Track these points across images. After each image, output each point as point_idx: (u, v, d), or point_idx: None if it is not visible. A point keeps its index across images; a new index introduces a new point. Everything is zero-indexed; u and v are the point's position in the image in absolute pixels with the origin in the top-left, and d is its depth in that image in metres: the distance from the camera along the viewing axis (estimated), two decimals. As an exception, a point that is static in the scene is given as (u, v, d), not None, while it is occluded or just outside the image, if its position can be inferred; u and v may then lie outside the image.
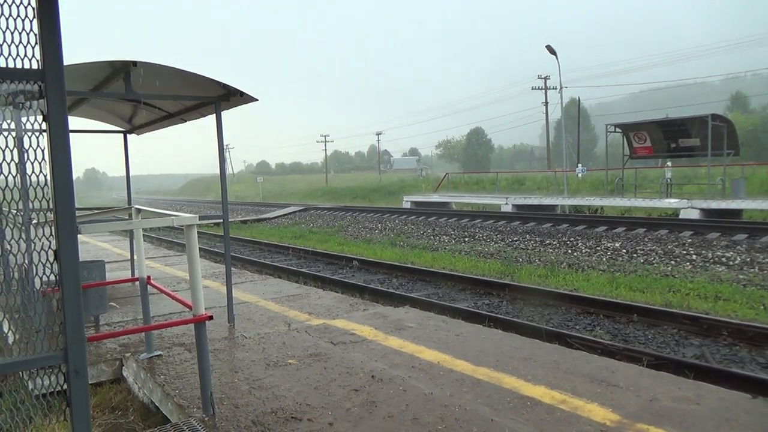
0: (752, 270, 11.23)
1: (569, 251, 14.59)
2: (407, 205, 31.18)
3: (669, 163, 26.54)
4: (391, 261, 13.65)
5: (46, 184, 1.98)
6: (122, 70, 5.48)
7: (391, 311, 6.77)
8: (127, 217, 5.45)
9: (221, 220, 6.46)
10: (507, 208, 25.57)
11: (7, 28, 1.88)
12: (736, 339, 6.93)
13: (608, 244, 14.53)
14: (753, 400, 3.81)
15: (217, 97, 6.00)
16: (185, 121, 7.24)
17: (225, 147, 6.56)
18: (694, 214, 19.18)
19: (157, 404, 4.50)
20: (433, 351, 5.08)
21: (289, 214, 29.49)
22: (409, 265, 12.82)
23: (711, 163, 23.44)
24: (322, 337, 5.66)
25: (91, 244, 15.13)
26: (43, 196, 2.01)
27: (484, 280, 10.68)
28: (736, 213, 19.35)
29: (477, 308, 8.88)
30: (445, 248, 16.31)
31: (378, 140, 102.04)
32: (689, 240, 13.86)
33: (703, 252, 12.75)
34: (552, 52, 31.33)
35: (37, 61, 1.88)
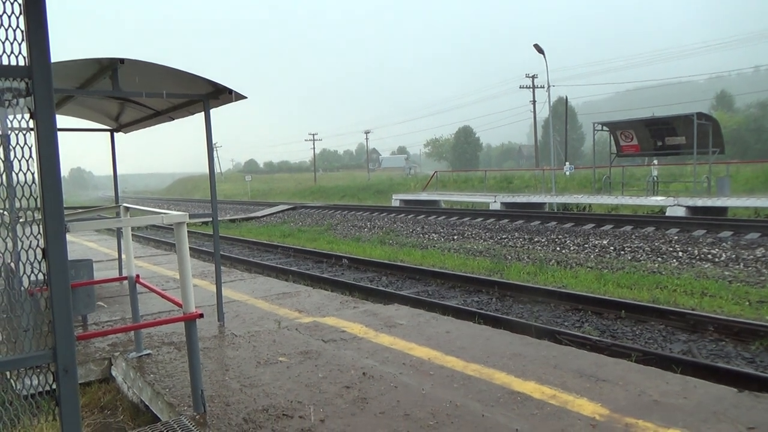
0: (737, 266, 11.37)
1: (557, 249, 14.68)
2: (396, 204, 31.19)
3: (655, 161, 26.81)
4: (380, 259, 13.66)
5: (33, 182, 1.96)
6: (109, 67, 5.43)
7: (382, 309, 6.78)
8: (115, 216, 5.41)
9: (210, 219, 6.44)
10: (495, 206, 25.67)
11: (-6, 24, 1.86)
12: (722, 334, 7.01)
13: (596, 242, 14.63)
14: (739, 393, 3.86)
15: (206, 95, 5.96)
16: (173, 119, 7.19)
17: (213, 145, 6.53)
18: (680, 212, 19.37)
19: (147, 403, 4.47)
20: (424, 348, 5.09)
21: (278, 212, 29.39)
22: (399, 263, 12.83)
23: (696, 161, 23.71)
24: (313, 334, 5.65)
25: (78, 243, 14.99)
26: (31, 195, 1.99)
27: (473, 278, 10.71)
28: (722, 210, 19.58)
29: (467, 305, 8.91)
30: (434, 246, 16.34)
31: (366, 139, 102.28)
32: (675, 237, 14.00)
33: (689, 249, 12.88)
34: (540, 51, 31.46)
35: (24, 58, 1.86)
